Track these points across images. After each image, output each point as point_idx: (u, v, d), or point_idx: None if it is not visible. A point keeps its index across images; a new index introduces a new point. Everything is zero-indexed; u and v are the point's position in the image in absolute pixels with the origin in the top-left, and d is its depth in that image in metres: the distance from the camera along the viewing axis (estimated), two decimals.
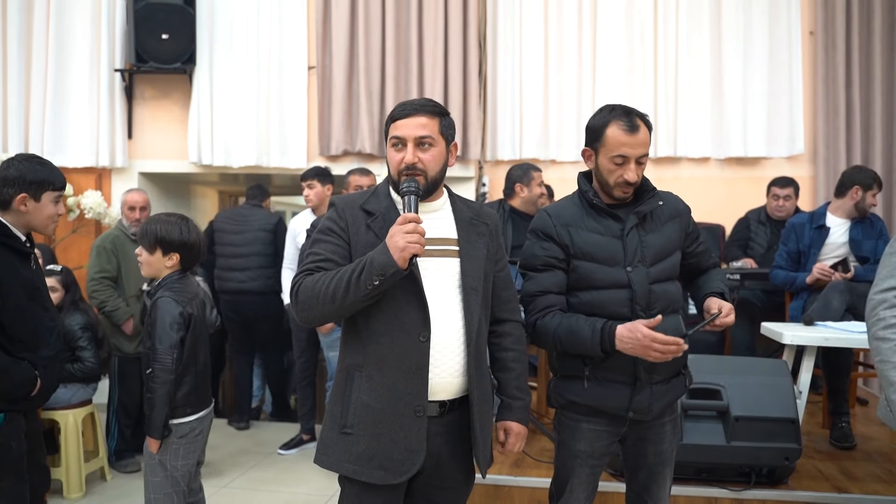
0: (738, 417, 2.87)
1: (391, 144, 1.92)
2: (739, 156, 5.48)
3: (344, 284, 1.76)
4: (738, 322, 4.54)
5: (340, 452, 1.87)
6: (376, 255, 1.75)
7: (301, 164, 5.61)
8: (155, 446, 2.62)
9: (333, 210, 1.94)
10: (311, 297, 1.80)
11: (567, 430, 2.18)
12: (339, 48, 5.57)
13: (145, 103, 5.75)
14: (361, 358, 1.88)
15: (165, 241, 2.71)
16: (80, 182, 5.59)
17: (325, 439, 1.93)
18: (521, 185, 3.88)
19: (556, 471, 2.24)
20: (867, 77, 5.42)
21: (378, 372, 1.85)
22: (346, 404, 1.87)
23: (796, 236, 3.99)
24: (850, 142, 5.42)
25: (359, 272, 1.75)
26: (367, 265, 1.75)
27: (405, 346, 1.83)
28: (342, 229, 1.89)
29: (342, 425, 1.87)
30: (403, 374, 1.84)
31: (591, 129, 2.15)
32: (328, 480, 4.18)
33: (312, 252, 1.90)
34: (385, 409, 1.84)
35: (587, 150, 2.17)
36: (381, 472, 1.84)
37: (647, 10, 5.54)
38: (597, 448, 2.16)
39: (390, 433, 1.84)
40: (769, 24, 5.46)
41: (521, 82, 5.64)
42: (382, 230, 1.84)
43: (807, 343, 3.19)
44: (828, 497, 2.85)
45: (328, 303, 1.78)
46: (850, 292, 3.61)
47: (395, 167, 1.90)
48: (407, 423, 1.84)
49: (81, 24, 5.61)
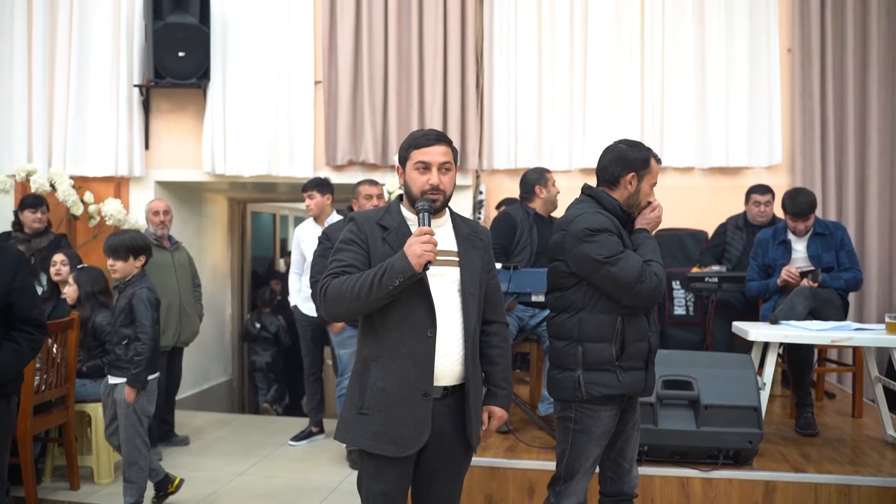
0: (707, 405, 3.21)
1: (415, 168, 2.23)
2: (722, 165, 5.80)
3: (368, 285, 2.09)
4: (717, 322, 4.92)
5: (358, 430, 2.21)
6: (396, 261, 2.08)
7: (308, 173, 5.93)
8: (133, 396, 3.57)
9: (354, 224, 2.26)
10: (339, 296, 2.13)
11: (588, 420, 2.49)
12: (345, 64, 5.90)
13: (161, 116, 6.08)
14: (377, 350, 2.21)
15: (135, 248, 3.69)
16: (99, 190, 5.93)
17: (346, 419, 2.26)
18: (539, 186, 4.09)
19: (570, 457, 2.52)
20: (841, 92, 5.74)
21: (392, 362, 2.19)
22: (364, 389, 2.21)
23: (763, 250, 4.31)
24: (824, 153, 5.74)
25: (380, 275, 2.08)
26: (389, 269, 2.08)
27: (415, 340, 2.18)
28: (362, 241, 2.21)
29: (360, 406, 2.20)
30: (413, 364, 2.18)
31: (638, 159, 2.55)
32: (338, 467, 4.54)
33: (336, 259, 2.21)
34: (397, 393, 2.18)
35: (633, 174, 2.54)
36: (393, 447, 2.18)
37: (635, 27, 5.87)
38: (608, 429, 2.52)
39: (401, 414, 2.17)
40: (750, 41, 5.78)
41: (515, 95, 5.97)
42: (395, 242, 2.19)
43: (769, 339, 3.53)
44: (785, 476, 3.19)
45: (353, 300, 2.11)
46: (814, 297, 3.94)
47: (419, 187, 2.22)
48: (415, 405, 2.18)
49: (101, 43, 5.95)
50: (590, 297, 2.48)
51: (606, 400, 2.49)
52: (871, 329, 3.59)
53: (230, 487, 4.27)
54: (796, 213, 4.10)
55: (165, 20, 5.60)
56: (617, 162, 2.57)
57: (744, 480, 3.21)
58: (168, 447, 4.93)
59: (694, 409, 3.26)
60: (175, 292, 4.91)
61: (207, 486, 4.26)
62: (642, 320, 2.54)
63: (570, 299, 2.51)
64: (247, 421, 6.01)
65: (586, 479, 2.55)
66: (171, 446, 4.97)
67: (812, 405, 3.91)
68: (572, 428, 2.51)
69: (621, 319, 2.47)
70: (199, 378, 6.65)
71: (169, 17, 5.62)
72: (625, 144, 2.63)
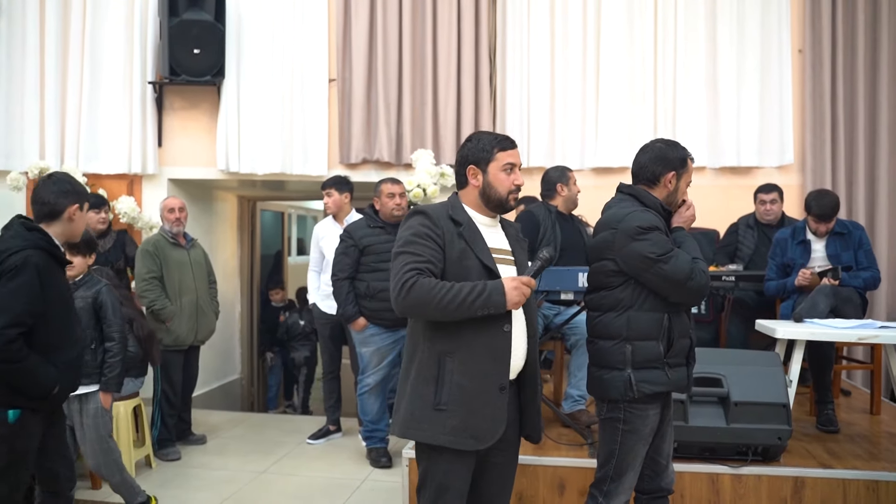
0: (736, 402, 3.24)
1: (503, 169, 2.29)
2: (733, 165, 5.85)
3: (458, 302, 2.12)
4: (733, 320, 4.97)
5: (436, 426, 2.22)
6: (494, 294, 2.14)
7: (322, 172, 5.95)
8: (110, 402, 3.51)
9: (426, 217, 2.26)
10: (424, 300, 2.14)
11: (638, 420, 2.52)
12: (359, 62, 5.91)
13: (174, 114, 6.07)
14: (453, 345, 2.23)
15: (92, 244, 3.58)
16: (112, 188, 5.91)
17: (419, 416, 2.25)
18: (561, 184, 4.11)
19: (619, 456, 2.54)
20: (851, 92, 5.80)
21: (470, 356, 2.22)
22: (441, 385, 2.22)
23: (781, 250, 4.36)
24: (835, 153, 5.80)
25: (473, 298, 2.12)
26: (486, 298, 2.13)
27: (491, 335, 2.22)
28: (438, 236, 2.23)
29: (436, 403, 2.22)
30: (492, 358, 2.22)
31: (677, 158, 2.59)
32: (358, 465, 4.55)
33: (412, 252, 2.20)
34: (476, 387, 2.21)
35: (673, 173, 2.59)
36: (472, 441, 2.22)
37: (648, 27, 5.90)
38: (654, 427, 2.56)
39: (480, 408, 2.21)
40: (761, 42, 5.83)
41: (528, 95, 5.99)
42: (470, 237, 2.26)
43: (796, 337, 3.57)
44: (814, 472, 3.22)
45: (437, 309, 2.14)
46: (835, 296, 4.00)
47: (507, 187, 2.29)
48: (493, 398, 2.22)
49: (114, 40, 5.94)
50: (637, 295, 2.51)
51: (654, 398, 2.52)
52: None
53: (252, 486, 4.28)
54: (820, 216, 4.14)
55: (181, 17, 5.60)
56: (657, 161, 2.61)
57: (773, 476, 3.24)
58: (186, 445, 4.93)
59: (723, 406, 3.29)
60: (192, 290, 4.91)
61: (230, 486, 4.26)
62: (684, 317, 2.58)
63: (618, 298, 2.54)
64: (261, 419, 6.01)
65: (634, 477, 2.58)
66: (189, 444, 4.97)
67: (833, 402, 3.96)
68: (621, 428, 2.53)
69: (667, 317, 2.50)
70: (210, 377, 6.63)
71: (184, 13, 5.61)
72: (663, 143, 2.66)
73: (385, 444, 4.60)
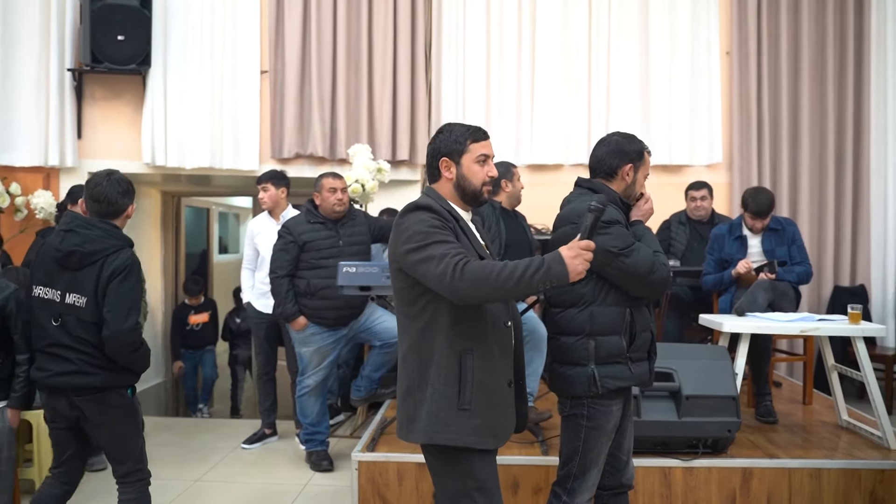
0: (688, 396, 3.28)
1: (476, 160, 2.23)
2: (665, 163, 5.98)
3: (517, 277, 1.98)
4: (669, 315, 5.05)
5: (461, 427, 2.13)
6: (554, 265, 2.00)
7: (253, 167, 5.75)
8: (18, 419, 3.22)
9: (432, 212, 2.15)
10: (482, 279, 2.00)
11: (601, 416, 2.48)
12: (292, 54, 5.74)
13: (95, 103, 5.75)
14: (471, 342, 2.15)
15: None
16: (27, 181, 5.55)
17: (443, 418, 2.13)
18: (505, 181, 4.03)
19: (582, 453, 2.50)
20: (775, 94, 6.04)
21: (487, 353, 2.16)
22: (464, 384, 2.13)
23: (719, 246, 4.47)
24: (760, 152, 6.03)
25: (532, 272, 1.98)
26: (546, 270, 1.99)
27: (498, 330, 2.19)
28: (451, 229, 2.15)
29: (460, 403, 2.13)
30: (501, 354, 2.19)
31: (634, 151, 2.58)
32: (298, 470, 4.40)
33: (443, 240, 2.08)
34: (493, 384, 2.16)
35: (630, 166, 2.56)
36: (493, 439, 2.17)
37: (582, 29, 5.98)
38: (617, 422, 2.54)
39: (497, 405, 2.17)
40: (692, 44, 6.00)
41: (464, 92, 5.98)
42: (467, 231, 2.22)
43: (742, 331, 3.65)
44: (760, 462, 3.30)
45: (494, 287, 1.99)
46: (773, 290, 4.11)
47: (481, 179, 2.23)
48: (505, 394, 2.20)
49: (30, 24, 5.57)
50: (600, 290, 2.49)
51: (617, 393, 2.50)
52: (834, 319, 3.77)
53: (188, 496, 4.07)
54: (757, 212, 4.25)
55: (104, 1, 5.28)
56: (614, 154, 2.59)
57: (722, 468, 3.29)
58: None
59: (675, 400, 3.32)
60: None
61: (163, 495, 4.01)
62: (645, 311, 2.57)
63: (580, 293, 2.50)
64: (191, 424, 5.75)
65: (598, 473, 2.55)
66: None
67: (770, 394, 4.08)
68: (585, 425, 2.49)
69: (629, 311, 2.49)
70: None
71: None
72: (619, 136, 2.66)
73: (326, 446, 4.46)
